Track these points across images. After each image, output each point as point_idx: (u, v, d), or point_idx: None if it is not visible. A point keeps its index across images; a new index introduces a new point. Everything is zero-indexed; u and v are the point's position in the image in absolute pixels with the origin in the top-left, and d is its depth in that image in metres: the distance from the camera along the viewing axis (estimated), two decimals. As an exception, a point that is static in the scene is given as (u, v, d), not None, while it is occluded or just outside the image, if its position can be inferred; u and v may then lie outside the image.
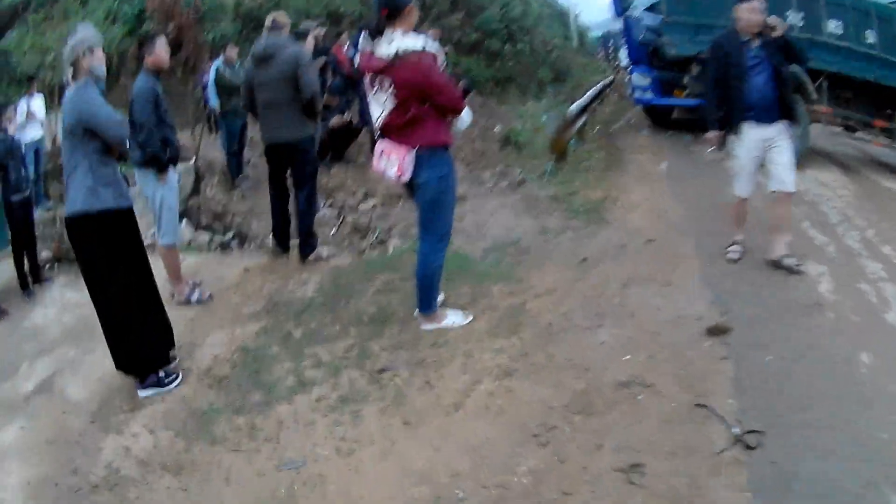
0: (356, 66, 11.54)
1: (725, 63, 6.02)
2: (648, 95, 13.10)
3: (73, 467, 4.11)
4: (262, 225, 8.48)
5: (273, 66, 6.45)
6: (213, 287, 6.46)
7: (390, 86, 4.54)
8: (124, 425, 4.45)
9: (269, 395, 4.56)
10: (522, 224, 7.85)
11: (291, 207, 7.03)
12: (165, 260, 6.19)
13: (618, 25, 18.47)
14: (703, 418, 3.81)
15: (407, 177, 4.70)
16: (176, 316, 5.49)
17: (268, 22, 6.74)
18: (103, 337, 4.83)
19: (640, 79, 13.11)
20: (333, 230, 8.51)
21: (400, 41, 4.44)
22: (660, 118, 14.39)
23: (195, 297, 6.20)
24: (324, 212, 9.03)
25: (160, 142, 5.85)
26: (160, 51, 5.83)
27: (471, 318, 5.28)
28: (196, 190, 10.60)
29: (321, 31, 9.97)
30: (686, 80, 12.16)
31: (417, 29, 4.64)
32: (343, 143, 11.65)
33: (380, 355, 4.91)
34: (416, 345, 4.99)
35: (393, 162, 4.71)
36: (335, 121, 10.80)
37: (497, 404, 4.18)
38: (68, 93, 4.65)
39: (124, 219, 4.74)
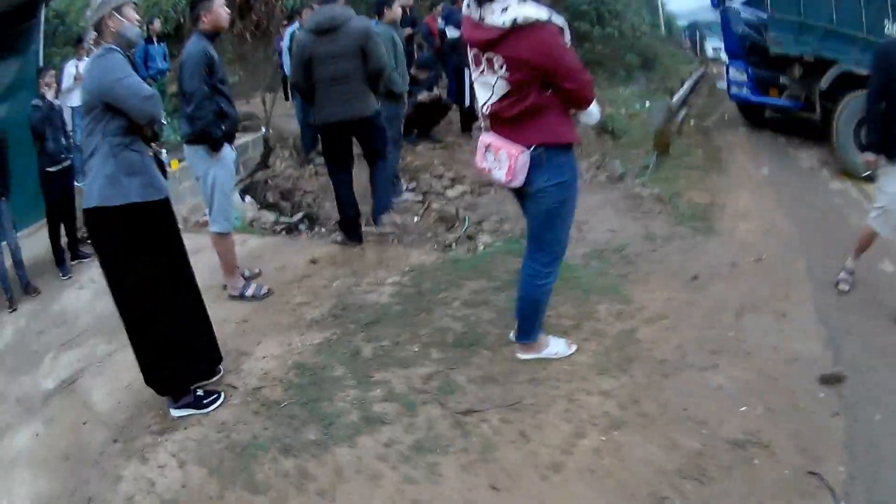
0: (449, 38, 10.79)
1: (888, 76, 4.93)
2: (744, 91, 12.03)
3: (88, 496, 3.43)
4: (335, 207, 7.62)
5: (338, 38, 5.75)
6: (272, 280, 5.56)
7: (502, 65, 3.50)
8: (150, 451, 3.67)
9: (327, 432, 3.65)
10: (625, 226, 6.82)
11: (359, 191, 6.31)
12: (217, 248, 5.35)
13: (706, 16, 17.28)
14: (815, 489, 3.27)
15: (518, 182, 3.66)
16: (226, 314, 4.72)
17: None
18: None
19: (736, 74, 12.07)
20: (417, 218, 7.53)
21: (517, 8, 3.39)
22: (753, 116, 13.28)
23: (250, 291, 5.34)
24: (406, 196, 8.10)
25: (213, 114, 4.96)
26: (218, 9, 4.93)
27: (574, 348, 4.29)
28: (265, 163, 9.74)
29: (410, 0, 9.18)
30: (784, 80, 11.15)
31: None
32: (431, 121, 10.76)
33: (466, 390, 3.95)
34: (510, 379, 4.03)
35: (501, 161, 3.65)
36: (423, 96, 9.87)
37: (603, 466, 3.38)
38: (88, 61, 3.76)
39: (154, 211, 3.77)
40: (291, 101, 11.40)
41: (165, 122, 4.39)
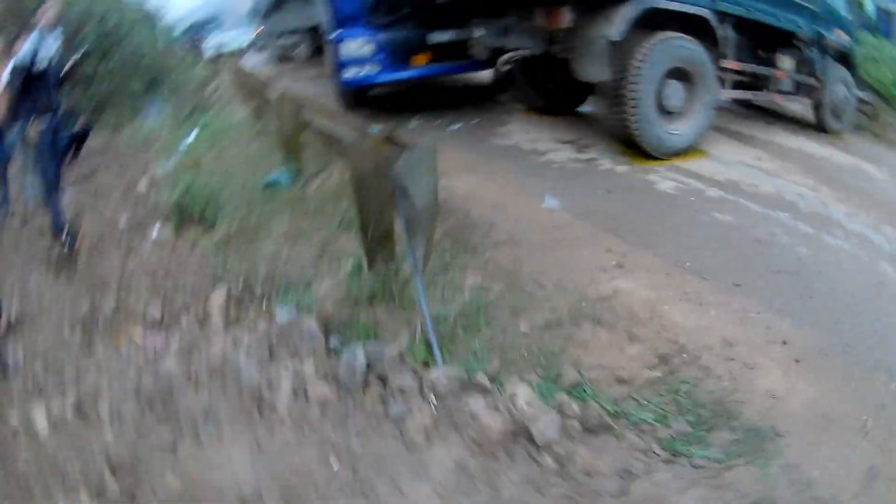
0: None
1: None
2: (371, 70, 7.96)
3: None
4: None
5: None
6: None
7: None
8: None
9: None
10: None
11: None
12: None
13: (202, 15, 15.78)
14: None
15: None
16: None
17: None
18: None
19: (355, 47, 7.90)
20: None
21: None
22: (355, 97, 8.91)
23: None
24: None
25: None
26: None
27: None
28: None
29: None
30: (477, 36, 7.43)
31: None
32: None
33: None
34: None
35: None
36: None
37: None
38: None
39: None
40: None
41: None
